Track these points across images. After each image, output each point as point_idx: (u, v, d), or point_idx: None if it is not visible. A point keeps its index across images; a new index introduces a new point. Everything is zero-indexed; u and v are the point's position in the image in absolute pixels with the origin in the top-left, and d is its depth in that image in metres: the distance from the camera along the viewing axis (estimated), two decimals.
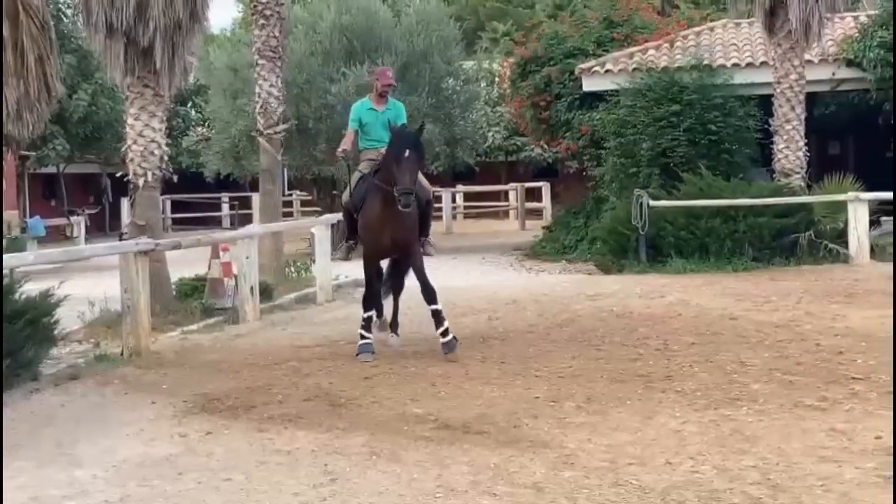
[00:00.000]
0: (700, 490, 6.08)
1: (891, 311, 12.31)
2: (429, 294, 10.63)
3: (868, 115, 21.04)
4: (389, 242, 10.73)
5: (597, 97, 22.49)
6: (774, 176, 19.61)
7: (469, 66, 28.81)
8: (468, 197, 38.99)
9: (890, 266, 16.78)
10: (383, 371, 9.97)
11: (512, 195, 37.93)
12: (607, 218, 19.75)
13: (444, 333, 10.49)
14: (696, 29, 24.81)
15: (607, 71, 22.26)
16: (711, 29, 24.68)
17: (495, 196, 39.53)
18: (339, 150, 11.34)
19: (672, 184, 19.27)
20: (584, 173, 23.78)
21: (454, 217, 35.57)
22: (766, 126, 19.86)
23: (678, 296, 14.45)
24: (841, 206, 18.19)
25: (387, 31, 25.31)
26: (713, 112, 19.88)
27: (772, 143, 19.63)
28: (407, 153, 10.19)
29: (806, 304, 13.22)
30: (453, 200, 36.57)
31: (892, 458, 6.48)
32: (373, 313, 11.07)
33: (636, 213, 18.29)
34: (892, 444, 6.79)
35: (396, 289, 11.67)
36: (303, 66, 24.48)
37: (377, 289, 11.31)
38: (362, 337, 10.83)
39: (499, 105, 36.79)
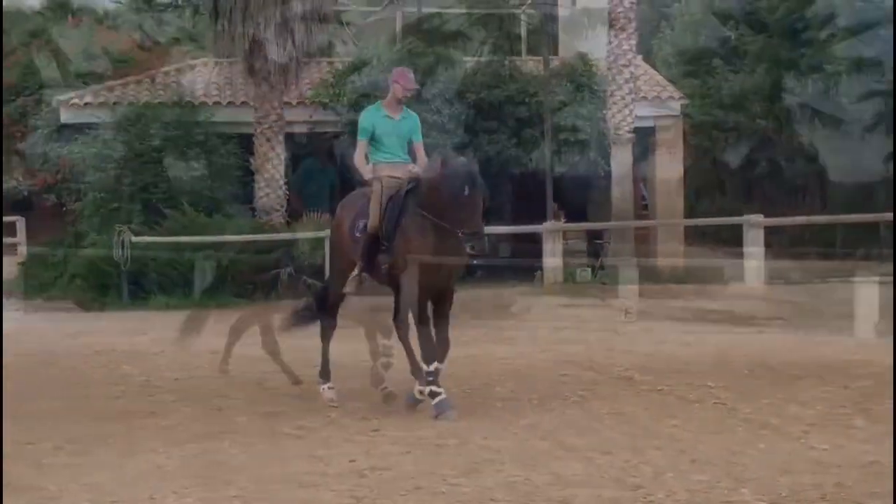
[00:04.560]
0: None
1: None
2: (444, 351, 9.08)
3: (343, 154, 22.20)
4: (445, 282, 9.09)
5: (76, 130, 21.88)
6: (256, 213, 20.13)
7: None
8: None
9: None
10: None
11: None
12: (87, 254, 19.27)
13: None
14: (178, 65, 24.90)
15: (87, 104, 21.76)
16: (193, 67, 24.88)
17: None
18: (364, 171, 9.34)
19: (156, 220, 19.19)
20: (64, 207, 23.00)
21: None
22: (248, 164, 20.36)
23: (161, 333, 14.37)
24: (320, 243, 19.03)
25: None
26: (196, 149, 20.11)
27: (254, 180, 20.14)
28: (467, 190, 8.66)
29: (284, 339, 13.65)
30: None
31: (361, 481, 6.95)
32: (439, 367, 8.98)
33: (118, 249, 18.03)
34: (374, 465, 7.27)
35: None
36: None
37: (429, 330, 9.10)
38: (434, 394, 8.91)
39: None
